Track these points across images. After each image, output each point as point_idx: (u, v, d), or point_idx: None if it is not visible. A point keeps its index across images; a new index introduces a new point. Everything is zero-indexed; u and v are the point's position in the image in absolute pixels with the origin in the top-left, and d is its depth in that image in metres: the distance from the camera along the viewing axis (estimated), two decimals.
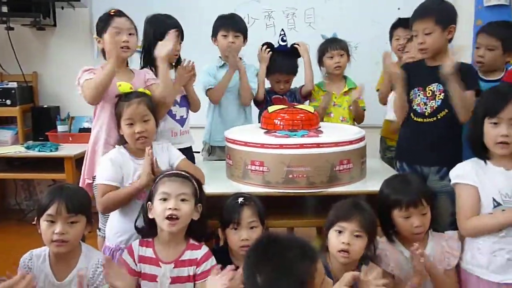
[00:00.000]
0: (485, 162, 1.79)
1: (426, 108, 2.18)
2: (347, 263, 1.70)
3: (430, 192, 1.88)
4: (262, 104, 2.86)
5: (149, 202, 1.77)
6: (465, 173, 1.80)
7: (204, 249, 1.78)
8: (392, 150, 2.73)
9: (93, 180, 2.17)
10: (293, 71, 2.84)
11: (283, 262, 1.17)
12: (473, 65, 2.35)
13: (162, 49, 2.20)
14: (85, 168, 2.25)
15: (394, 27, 2.85)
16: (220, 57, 2.83)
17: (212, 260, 1.76)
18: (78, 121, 3.72)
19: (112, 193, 1.91)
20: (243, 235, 1.80)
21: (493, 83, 2.25)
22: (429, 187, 2.01)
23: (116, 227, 1.99)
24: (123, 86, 2.05)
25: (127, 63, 2.34)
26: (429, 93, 2.18)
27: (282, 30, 2.97)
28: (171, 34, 2.25)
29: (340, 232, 1.71)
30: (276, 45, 2.86)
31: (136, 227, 1.84)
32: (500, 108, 1.68)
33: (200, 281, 1.72)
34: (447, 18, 2.06)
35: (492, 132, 1.71)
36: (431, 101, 2.17)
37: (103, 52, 2.26)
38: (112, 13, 2.22)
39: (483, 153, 1.79)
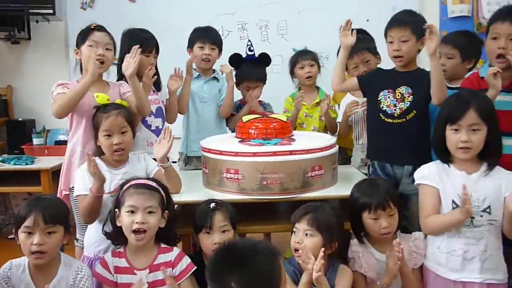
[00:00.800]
0: (448, 165, 1.87)
1: (395, 110, 2.27)
2: (306, 263, 1.74)
3: (397, 195, 1.97)
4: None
5: (116, 210, 1.80)
6: (428, 174, 1.89)
7: (176, 250, 1.83)
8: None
9: (70, 191, 2.20)
10: (261, 78, 2.90)
11: (255, 266, 1.22)
12: None
13: (128, 67, 2.25)
14: (62, 179, 2.27)
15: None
16: (194, 68, 2.89)
17: (187, 259, 1.81)
18: (53, 134, 3.72)
19: (84, 200, 1.93)
20: (215, 239, 1.87)
21: (455, 91, 2.36)
22: (396, 190, 2.10)
23: (94, 237, 2.02)
24: (100, 97, 2.09)
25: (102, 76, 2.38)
26: (398, 95, 2.27)
27: (249, 41, 3.07)
28: (133, 51, 2.28)
29: (295, 232, 1.83)
30: (244, 56, 2.94)
31: (104, 232, 1.87)
32: (460, 115, 1.78)
33: (181, 280, 1.77)
34: (420, 30, 2.17)
35: (453, 138, 1.81)
36: (400, 103, 2.27)
37: (81, 65, 2.31)
38: (92, 27, 2.28)
39: (446, 157, 1.88)
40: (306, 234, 1.80)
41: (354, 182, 2.02)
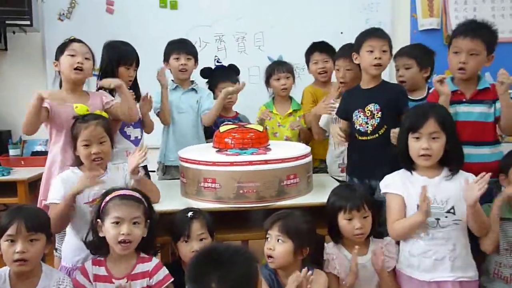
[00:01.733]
0: (411, 172, 1.99)
1: (368, 127, 2.36)
2: (278, 267, 1.86)
3: (372, 199, 2.05)
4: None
5: (98, 220, 1.82)
6: (393, 183, 2.01)
7: (155, 260, 1.86)
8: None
9: None
10: (236, 80, 2.97)
11: (235, 267, 1.29)
12: None
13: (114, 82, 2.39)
14: (42, 189, 2.28)
15: (309, 51, 3.02)
16: (172, 80, 2.94)
17: (164, 270, 1.83)
18: (30, 145, 3.68)
19: (53, 209, 1.94)
20: (193, 247, 1.91)
21: (417, 102, 2.47)
22: (370, 195, 2.18)
23: (72, 247, 2.03)
24: (80, 108, 2.11)
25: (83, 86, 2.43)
26: (368, 113, 2.36)
27: (216, 56, 3.34)
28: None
29: (268, 239, 1.88)
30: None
31: (85, 243, 1.87)
32: (421, 124, 1.90)
33: None
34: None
35: (415, 146, 1.92)
36: (371, 120, 2.35)
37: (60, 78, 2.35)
38: (71, 39, 2.34)
39: (409, 165, 1.99)
40: (278, 240, 1.85)
41: (329, 190, 2.08)
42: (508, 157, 2.13)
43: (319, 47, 2.98)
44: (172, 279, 1.83)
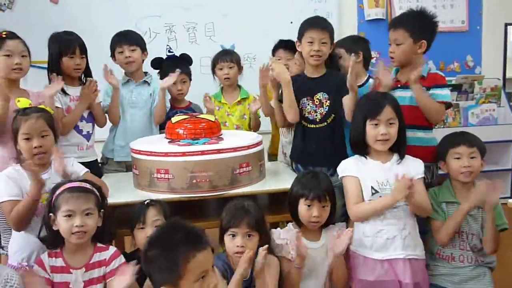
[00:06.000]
0: (365, 157, 2.09)
1: (316, 115, 2.43)
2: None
3: (333, 190, 2.09)
4: None
5: (50, 214, 1.78)
6: (349, 167, 2.10)
7: (112, 249, 1.85)
8: None
9: None
10: (186, 71, 2.93)
11: (168, 241, 1.40)
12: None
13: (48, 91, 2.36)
14: None
15: (275, 48, 3.05)
16: (125, 73, 2.85)
17: (121, 259, 1.83)
18: None
19: (15, 208, 1.90)
20: (148, 232, 1.89)
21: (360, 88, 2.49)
22: (331, 186, 2.23)
23: (16, 245, 1.99)
24: (22, 102, 2.05)
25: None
26: (317, 102, 2.42)
27: (168, 45, 3.26)
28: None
29: (233, 235, 1.88)
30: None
31: (40, 239, 1.84)
32: (379, 111, 2.01)
33: (109, 279, 1.78)
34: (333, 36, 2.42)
35: (372, 132, 2.03)
36: (320, 108, 2.42)
37: None
38: (4, 35, 2.25)
39: (363, 150, 2.10)
40: (249, 235, 1.87)
41: (282, 178, 2.14)
42: (442, 144, 2.27)
43: (284, 45, 2.98)
44: None
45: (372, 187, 2.02)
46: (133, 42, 2.79)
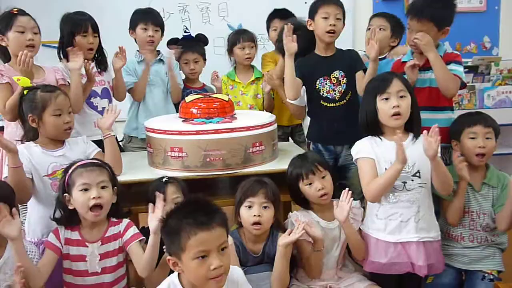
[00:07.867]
0: (380, 138, 2.04)
1: (335, 94, 2.42)
2: (263, 233, 1.92)
3: (325, 161, 2.13)
4: None
5: (65, 194, 1.81)
6: (363, 148, 2.05)
7: (125, 221, 1.90)
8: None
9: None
10: (200, 51, 2.95)
11: (179, 214, 1.46)
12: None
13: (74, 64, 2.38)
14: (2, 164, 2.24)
15: (270, 18, 3.04)
16: (138, 51, 2.87)
17: (134, 229, 1.88)
18: None
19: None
20: (168, 209, 1.92)
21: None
22: (323, 158, 2.29)
23: (37, 220, 2.02)
24: (22, 80, 2.08)
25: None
26: (334, 80, 2.41)
27: (185, 26, 3.31)
28: None
29: (250, 207, 1.91)
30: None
31: (55, 219, 1.87)
32: (387, 84, 1.96)
33: (129, 246, 1.83)
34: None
35: (384, 107, 1.97)
36: (338, 87, 2.41)
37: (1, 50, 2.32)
38: (15, 12, 2.27)
39: (377, 130, 2.04)
40: (265, 207, 1.91)
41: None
42: (456, 123, 2.24)
43: (280, 14, 2.98)
44: (143, 237, 1.85)
45: (386, 169, 1.97)
46: (158, 23, 2.82)
